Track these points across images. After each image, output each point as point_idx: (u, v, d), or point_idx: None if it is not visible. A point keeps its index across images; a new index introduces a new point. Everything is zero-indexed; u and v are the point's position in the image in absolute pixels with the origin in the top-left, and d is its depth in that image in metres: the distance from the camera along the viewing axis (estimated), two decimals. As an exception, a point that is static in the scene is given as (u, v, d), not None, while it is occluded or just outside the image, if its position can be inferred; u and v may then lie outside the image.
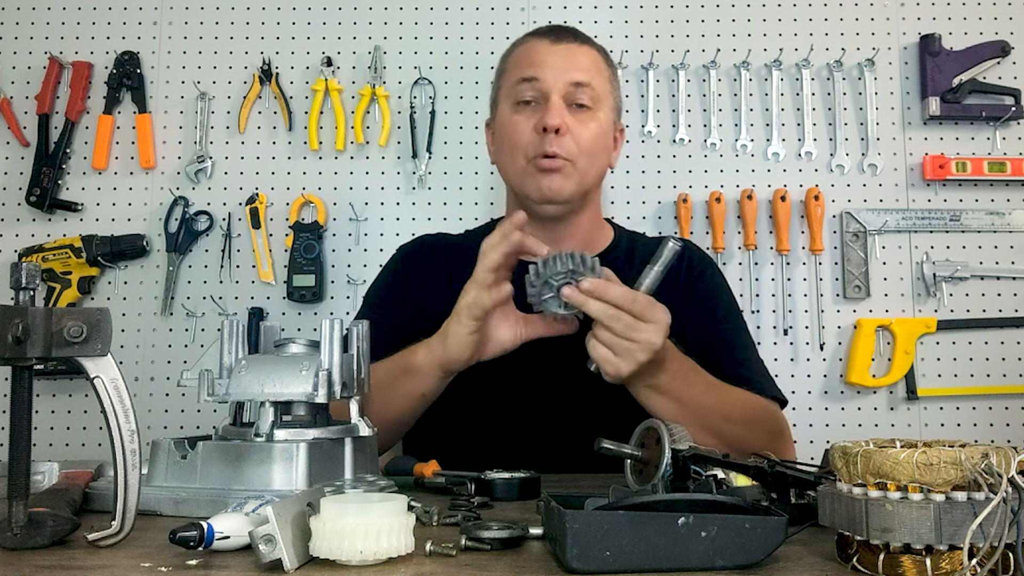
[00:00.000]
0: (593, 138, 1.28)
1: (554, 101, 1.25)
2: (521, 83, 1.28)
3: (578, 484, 1.02)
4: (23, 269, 0.68)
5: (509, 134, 1.30)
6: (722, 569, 0.60)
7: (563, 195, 1.27)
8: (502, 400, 1.28)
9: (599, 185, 1.37)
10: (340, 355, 0.90)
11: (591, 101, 1.28)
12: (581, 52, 1.30)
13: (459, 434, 1.29)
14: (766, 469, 0.78)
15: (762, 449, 1.21)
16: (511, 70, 1.33)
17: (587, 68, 1.29)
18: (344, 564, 0.61)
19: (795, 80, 1.94)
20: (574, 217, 1.34)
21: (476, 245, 1.42)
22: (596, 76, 1.29)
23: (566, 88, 1.26)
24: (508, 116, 1.30)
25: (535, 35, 1.34)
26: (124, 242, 1.85)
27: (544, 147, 1.24)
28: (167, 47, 1.95)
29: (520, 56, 1.33)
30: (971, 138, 1.92)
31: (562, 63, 1.27)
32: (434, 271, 1.37)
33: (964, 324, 1.87)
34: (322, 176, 1.91)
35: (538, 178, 1.26)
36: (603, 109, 1.30)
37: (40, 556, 0.66)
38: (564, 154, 1.25)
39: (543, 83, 1.26)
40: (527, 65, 1.29)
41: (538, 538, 0.70)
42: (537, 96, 1.27)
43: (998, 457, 0.56)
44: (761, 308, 1.86)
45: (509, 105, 1.31)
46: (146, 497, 0.79)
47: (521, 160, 1.28)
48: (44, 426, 1.82)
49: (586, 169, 1.28)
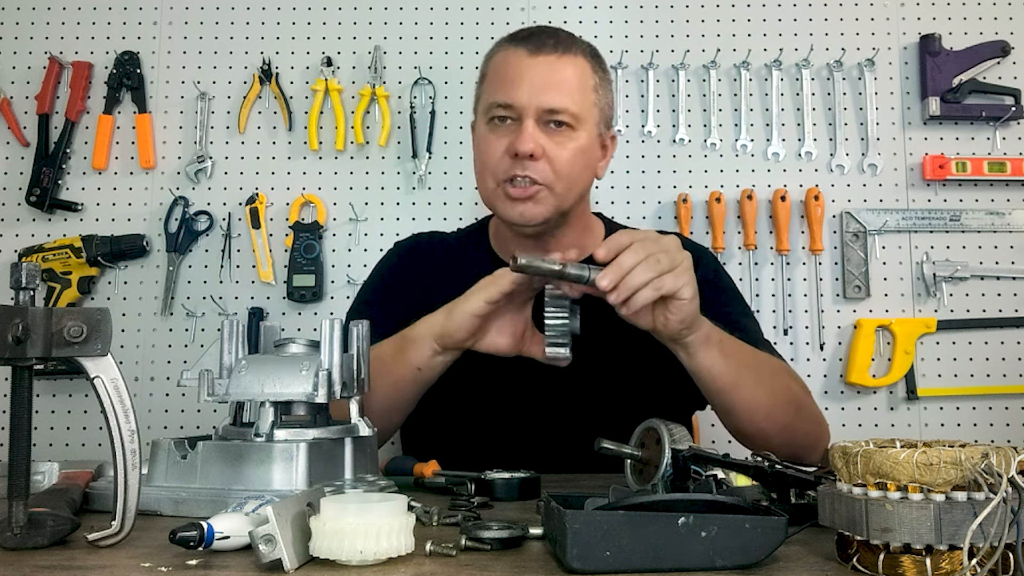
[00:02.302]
0: (571, 160, 1.20)
1: (527, 126, 1.17)
2: (495, 107, 1.21)
3: (578, 484, 1.02)
4: (23, 269, 0.68)
5: (481, 153, 1.24)
6: (722, 569, 0.60)
7: (537, 220, 1.21)
8: (502, 400, 1.28)
9: (583, 200, 1.30)
10: (340, 355, 0.90)
11: (571, 119, 1.19)
12: (562, 65, 1.20)
13: (459, 434, 1.29)
14: (766, 469, 0.78)
15: (800, 400, 1.23)
16: (489, 83, 1.26)
17: (566, 87, 1.20)
18: (344, 564, 0.61)
19: (795, 80, 1.94)
20: (557, 231, 1.28)
21: (469, 245, 1.42)
22: (576, 94, 1.20)
23: (540, 112, 1.18)
24: (483, 133, 1.24)
25: (514, 42, 1.25)
26: (124, 242, 1.85)
27: (515, 171, 1.18)
28: (167, 47, 1.95)
29: (497, 68, 1.25)
30: (971, 138, 1.92)
31: (539, 81, 1.18)
32: (429, 269, 1.36)
33: (964, 324, 1.87)
34: (322, 176, 1.91)
35: (509, 204, 1.21)
36: (584, 126, 1.21)
37: (40, 556, 0.66)
38: (539, 179, 1.18)
39: (517, 106, 1.18)
40: (501, 84, 1.22)
41: (538, 538, 0.70)
42: (512, 116, 1.19)
43: (998, 457, 0.56)
44: (761, 308, 1.86)
45: (484, 121, 1.24)
46: (146, 497, 0.79)
47: (491, 182, 1.22)
48: (44, 426, 1.82)
49: (563, 193, 1.21)
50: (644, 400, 1.17)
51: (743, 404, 1.13)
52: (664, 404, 1.13)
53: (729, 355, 1.10)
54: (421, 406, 1.42)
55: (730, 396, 1.12)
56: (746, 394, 1.13)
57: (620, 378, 1.28)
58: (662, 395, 1.25)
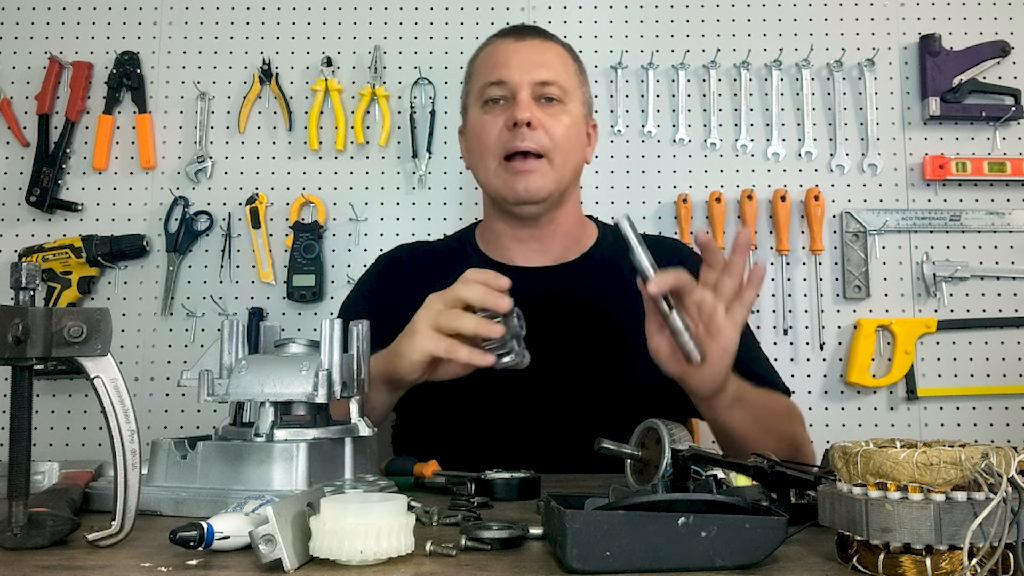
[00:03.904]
0: (565, 130, 1.26)
1: (522, 97, 1.23)
2: (489, 86, 1.27)
3: (578, 484, 1.02)
4: (23, 269, 0.68)
5: (479, 134, 1.28)
6: (722, 569, 0.60)
7: (541, 194, 1.25)
8: (502, 400, 1.28)
9: (577, 181, 1.35)
10: (340, 355, 0.90)
11: (560, 93, 1.26)
12: (546, 48, 1.29)
13: (459, 434, 1.29)
14: (766, 469, 0.77)
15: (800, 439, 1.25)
16: (478, 73, 1.32)
17: (552, 64, 1.28)
18: (344, 564, 0.61)
19: (795, 80, 1.94)
20: (555, 215, 1.32)
21: (456, 249, 1.42)
22: (563, 72, 1.28)
23: (533, 85, 1.25)
24: (478, 117, 1.29)
25: (499, 36, 1.33)
26: (124, 242, 1.85)
27: (515, 142, 1.22)
28: (167, 47, 1.95)
29: (486, 59, 1.32)
30: (971, 138, 1.92)
31: (528, 60, 1.26)
32: (414, 279, 1.34)
33: (964, 324, 1.87)
34: (322, 176, 1.91)
35: (513, 180, 1.25)
36: (573, 103, 1.28)
37: (40, 556, 0.66)
38: (537, 148, 1.23)
39: (510, 83, 1.25)
40: (492, 67, 1.28)
41: (538, 538, 0.70)
42: (505, 95, 1.26)
43: (998, 457, 0.56)
44: (761, 308, 1.86)
45: (478, 107, 1.29)
46: (146, 497, 0.79)
47: (492, 162, 1.26)
48: (44, 426, 1.82)
49: (562, 163, 1.26)
50: (644, 401, 1.17)
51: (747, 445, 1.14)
52: (664, 405, 1.13)
53: (747, 409, 1.11)
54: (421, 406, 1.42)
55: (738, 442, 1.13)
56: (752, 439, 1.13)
57: (620, 379, 1.28)
58: (662, 396, 1.25)
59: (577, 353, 1.28)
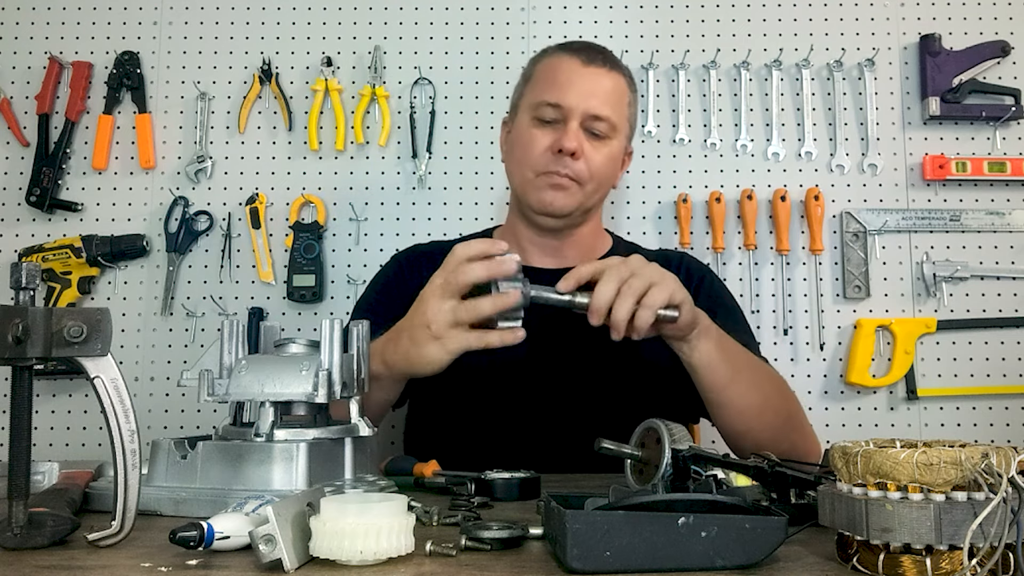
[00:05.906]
0: (604, 164, 1.31)
1: (572, 127, 1.28)
2: (544, 105, 1.30)
3: (578, 484, 1.02)
4: (23, 269, 0.68)
5: (525, 145, 1.32)
6: (722, 569, 0.60)
7: (564, 211, 1.31)
8: (502, 400, 1.28)
9: (601, 202, 1.40)
10: (340, 355, 0.90)
11: (608, 129, 1.30)
12: (609, 78, 1.32)
13: (459, 434, 1.29)
14: (766, 469, 0.78)
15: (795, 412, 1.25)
16: (537, 83, 1.34)
17: (608, 98, 1.30)
18: (344, 564, 0.61)
19: (795, 80, 1.94)
20: (574, 230, 1.38)
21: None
22: (616, 106, 1.32)
23: (585, 117, 1.29)
24: (526, 128, 1.33)
25: (567, 50, 1.35)
26: (124, 242, 1.85)
27: (557, 167, 1.28)
28: (167, 47, 1.95)
29: (548, 71, 1.34)
30: (971, 138, 1.92)
31: (587, 89, 1.29)
32: (430, 273, 1.36)
33: (964, 324, 1.87)
34: (322, 176, 1.91)
35: (543, 192, 1.30)
36: (618, 137, 1.33)
37: (40, 556, 0.66)
38: (574, 176, 1.29)
39: (565, 107, 1.28)
40: (551, 84, 1.31)
41: (538, 538, 0.70)
42: (557, 117, 1.29)
43: (998, 457, 0.56)
44: (761, 308, 1.86)
45: (528, 117, 1.33)
46: (146, 497, 0.79)
47: (529, 174, 1.31)
48: (44, 426, 1.82)
49: (592, 192, 1.33)
50: (644, 401, 1.17)
51: (736, 401, 1.15)
52: (664, 404, 1.13)
53: (726, 351, 1.14)
54: (421, 406, 1.42)
55: (724, 393, 1.14)
56: (739, 390, 1.15)
57: (620, 378, 1.29)
58: (662, 395, 1.25)
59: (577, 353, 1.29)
